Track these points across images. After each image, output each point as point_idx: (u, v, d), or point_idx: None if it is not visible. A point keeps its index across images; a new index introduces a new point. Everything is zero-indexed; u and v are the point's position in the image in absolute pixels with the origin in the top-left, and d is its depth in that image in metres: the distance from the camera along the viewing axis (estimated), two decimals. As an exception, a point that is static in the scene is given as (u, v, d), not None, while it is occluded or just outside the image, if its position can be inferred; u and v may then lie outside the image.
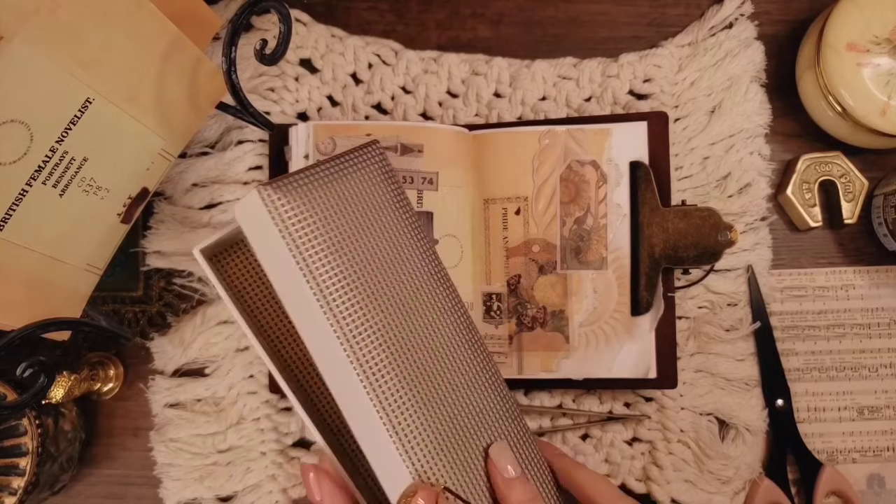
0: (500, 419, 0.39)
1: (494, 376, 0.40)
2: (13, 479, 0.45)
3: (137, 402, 0.52)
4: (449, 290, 0.40)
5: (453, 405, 0.38)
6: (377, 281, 0.37)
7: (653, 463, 0.51)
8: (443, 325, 0.39)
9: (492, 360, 0.41)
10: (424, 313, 0.38)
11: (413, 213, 0.40)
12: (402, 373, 0.36)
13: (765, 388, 0.51)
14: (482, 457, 0.38)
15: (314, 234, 0.35)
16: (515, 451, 0.39)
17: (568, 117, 0.52)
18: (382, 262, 0.37)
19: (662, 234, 0.48)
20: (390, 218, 0.39)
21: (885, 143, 0.49)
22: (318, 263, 0.35)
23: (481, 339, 0.41)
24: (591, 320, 0.48)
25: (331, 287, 0.35)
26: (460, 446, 0.37)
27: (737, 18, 0.52)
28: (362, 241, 0.37)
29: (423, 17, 0.54)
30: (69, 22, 0.34)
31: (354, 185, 0.38)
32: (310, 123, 0.48)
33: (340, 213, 0.36)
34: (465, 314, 0.40)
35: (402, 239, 0.39)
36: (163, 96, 0.40)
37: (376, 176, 0.39)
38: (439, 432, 0.36)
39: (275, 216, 0.35)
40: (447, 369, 0.38)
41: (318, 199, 0.36)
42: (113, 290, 0.52)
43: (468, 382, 0.39)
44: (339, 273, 0.35)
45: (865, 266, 0.53)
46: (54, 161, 0.36)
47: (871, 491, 0.52)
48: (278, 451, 0.51)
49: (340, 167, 0.38)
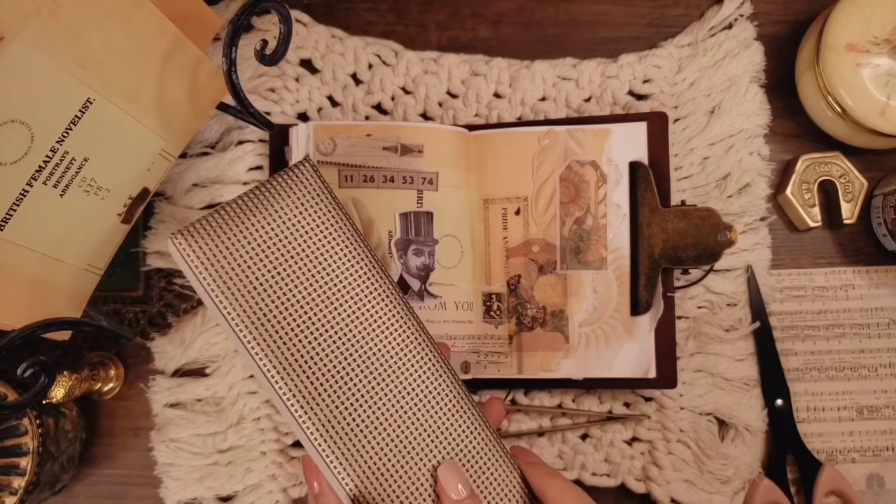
0: (455, 434, 0.38)
1: (450, 388, 0.39)
2: (14, 478, 0.45)
3: (138, 402, 0.52)
4: (395, 307, 0.39)
5: (396, 426, 0.37)
6: (304, 310, 0.37)
7: (652, 463, 0.51)
8: (385, 343, 0.38)
9: (446, 370, 0.39)
10: (362, 335, 0.38)
11: (348, 228, 0.39)
12: (332, 398, 0.36)
13: (764, 388, 0.51)
14: (433, 477, 0.37)
15: (226, 276, 0.36)
16: (478, 464, 0.38)
17: (568, 118, 0.52)
18: (310, 288, 0.37)
19: (662, 235, 0.48)
20: (320, 239, 0.38)
21: (885, 144, 0.49)
22: (231, 301, 0.36)
23: (434, 349, 0.39)
24: (590, 320, 0.49)
25: (248, 324, 0.36)
26: (407, 467, 0.37)
27: (736, 19, 0.52)
28: (285, 270, 0.37)
29: (423, 17, 0.54)
30: (70, 22, 0.34)
31: (276, 213, 0.38)
32: (310, 124, 0.48)
33: (258, 247, 0.37)
34: (414, 328, 0.39)
35: (335, 259, 0.38)
36: (163, 97, 0.40)
37: (304, 197, 0.39)
38: (380, 455, 0.36)
39: (188, 261, 0.36)
40: (388, 390, 0.37)
41: (231, 239, 0.37)
42: (113, 290, 0.52)
43: (416, 401, 0.38)
44: (257, 308, 0.36)
45: (865, 266, 0.53)
46: (55, 161, 0.36)
47: (870, 491, 0.52)
48: (278, 451, 0.51)
49: (260, 198, 0.38)
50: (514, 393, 0.51)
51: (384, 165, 0.48)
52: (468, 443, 0.39)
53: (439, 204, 0.49)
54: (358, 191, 0.48)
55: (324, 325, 0.37)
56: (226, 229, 0.37)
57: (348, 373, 0.37)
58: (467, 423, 0.39)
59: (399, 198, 0.48)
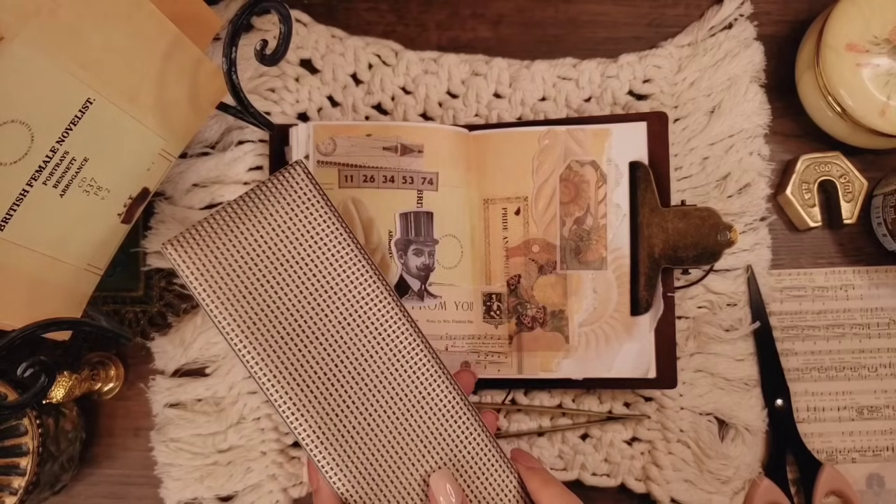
0: (451, 439, 0.38)
1: (446, 392, 0.39)
2: (14, 478, 0.45)
3: (138, 401, 0.52)
4: (390, 309, 0.39)
5: (390, 430, 0.37)
6: (296, 315, 0.37)
7: (652, 463, 0.51)
8: (380, 346, 0.38)
9: (443, 373, 0.39)
10: (356, 338, 0.38)
11: (340, 231, 0.39)
12: (325, 403, 0.37)
13: (764, 388, 0.51)
14: (426, 483, 0.38)
15: (216, 284, 0.37)
16: (473, 469, 0.38)
17: (568, 118, 0.52)
18: (302, 293, 0.37)
19: (662, 235, 0.48)
20: (312, 242, 0.38)
21: (885, 144, 0.49)
22: (222, 308, 0.37)
23: (430, 351, 0.39)
24: (590, 320, 0.49)
25: (239, 330, 0.37)
26: (399, 472, 0.37)
27: (736, 19, 0.52)
28: (276, 276, 0.37)
29: (423, 17, 0.54)
30: (70, 22, 0.34)
31: (267, 218, 0.38)
32: (310, 124, 0.48)
33: (249, 254, 0.37)
34: (409, 330, 0.39)
35: (327, 262, 0.38)
36: (163, 97, 0.40)
37: (295, 201, 0.38)
38: (372, 459, 0.37)
39: (179, 269, 0.37)
40: (383, 394, 0.38)
41: (221, 247, 0.37)
42: (114, 290, 0.52)
43: (412, 405, 0.38)
44: (248, 314, 0.37)
45: (865, 266, 0.53)
46: (55, 161, 0.36)
47: (870, 491, 0.52)
48: (278, 451, 0.51)
49: (250, 204, 0.38)
50: (514, 393, 0.51)
51: (384, 165, 0.48)
52: (464, 447, 0.38)
53: (439, 204, 0.49)
54: (358, 191, 0.48)
55: (316, 329, 0.37)
56: (216, 237, 0.37)
57: (343, 377, 0.37)
58: (463, 427, 0.39)
59: (399, 198, 0.48)
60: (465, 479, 0.38)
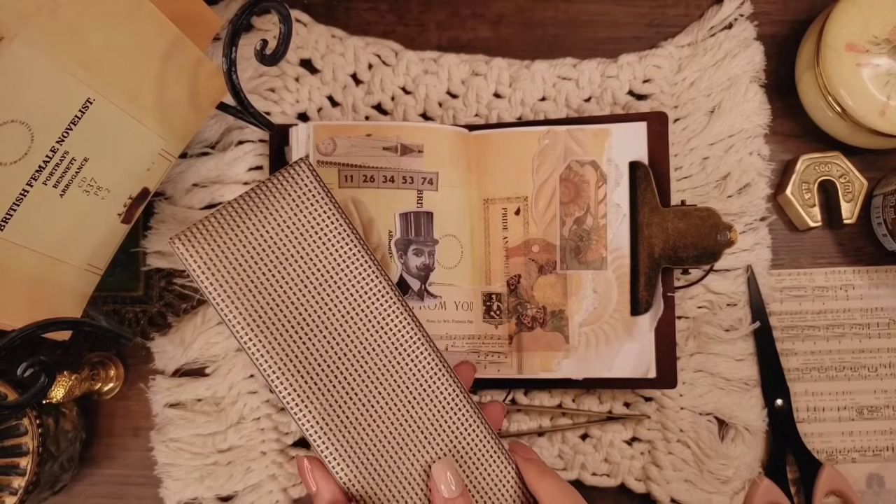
0: (451, 431, 0.39)
1: (447, 385, 0.39)
2: (14, 478, 0.45)
3: (138, 401, 0.52)
4: (392, 304, 0.39)
5: (393, 422, 0.38)
6: (301, 309, 0.38)
7: (652, 463, 0.51)
8: (382, 340, 0.39)
9: (444, 368, 0.39)
10: (359, 332, 0.38)
11: (344, 227, 0.39)
12: (329, 395, 0.37)
13: (764, 388, 0.51)
14: (427, 473, 0.38)
15: (224, 277, 0.37)
16: (473, 460, 0.39)
17: (568, 118, 0.52)
18: (307, 287, 0.38)
19: (662, 235, 0.48)
20: (317, 237, 0.39)
21: (885, 143, 0.49)
22: (229, 301, 0.37)
23: (432, 346, 0.40)
24: (590, 320, 0.49)
25: (245, 323, 0.37)
26: (401, 462, 0.38)
27: (736, 19, 0.52)
28: (282, 270, 0.38)
29: (423, 17, 0.54)
30: (69, 22, 0.34)
31: (273, 214, 0.38)
32: (310, 124, 0.48)
33: (256, 248, 0.38)
34: (410, 325, 0.39)
35: (331, 257, 0.39)
36: (163, 97, 0.40)
37: (301, 197, 0.39)
38: (374, 449, 0.38)
39: (187, 263, 0.37)
40: (385, 387, 0.38)
41: (228, 241, 0.38)
42: (113, 290, 0.52)
43: (413, 397, 0.39)
44: (255, 307, 0.37)
45: (865, 266, 0.53)
46: (55, 161, 0.36)
47: (870, 491, 0.52)
48: (279, 451, 0.51)
49: (257, 199, 0.38)
50: (514, 393, 0.51)
51: (384, 165, 0.48)
52: (464, 439, 0.39)
53: (439, 204, 0.49)
54: (358, 191, 0.48)
55: (320, 322, 0.38)
56: (224, 231, 0.38)
57: (346, 369, 0.38)
58: (463, 419, 0.39)
59: (399, 198, 0.48)
60: (464, 469, 0.39)
